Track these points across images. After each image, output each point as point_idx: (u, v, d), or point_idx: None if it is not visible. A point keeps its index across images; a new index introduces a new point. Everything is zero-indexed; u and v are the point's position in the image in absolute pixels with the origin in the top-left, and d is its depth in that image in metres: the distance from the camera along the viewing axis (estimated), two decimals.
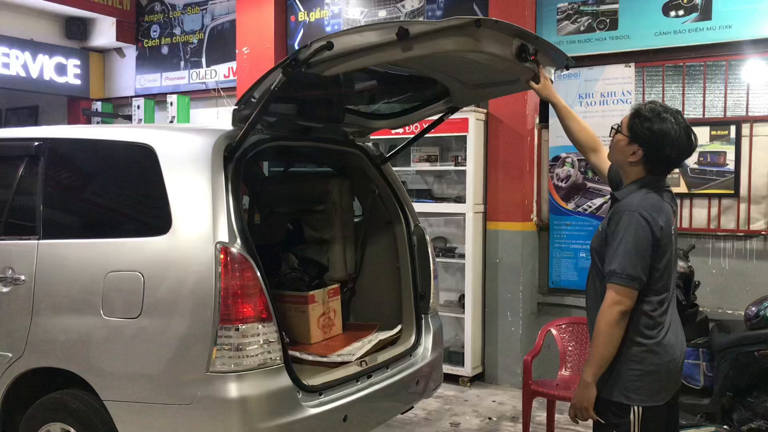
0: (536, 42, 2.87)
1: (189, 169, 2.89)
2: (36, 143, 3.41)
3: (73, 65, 8.66)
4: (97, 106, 8.73)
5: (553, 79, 3.15)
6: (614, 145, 2.56)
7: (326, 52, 2.67)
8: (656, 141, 2.44)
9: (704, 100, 5.22)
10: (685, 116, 2.54)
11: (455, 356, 5.84)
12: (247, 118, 2.92)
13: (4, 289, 3.21)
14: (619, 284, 2.37)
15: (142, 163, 3.02)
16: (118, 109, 8.85)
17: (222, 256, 2.70)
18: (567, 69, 3.22)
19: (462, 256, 5.82)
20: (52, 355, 3.09)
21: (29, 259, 3.18)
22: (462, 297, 5.86)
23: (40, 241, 3.20)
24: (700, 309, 4.48)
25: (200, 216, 2.79)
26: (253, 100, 2.94)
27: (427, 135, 4.30)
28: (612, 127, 2.58)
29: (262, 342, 2.73)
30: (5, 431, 3.25)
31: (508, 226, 5.78)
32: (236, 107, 3.02)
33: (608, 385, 2.46)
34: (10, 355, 3.15)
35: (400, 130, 4.59)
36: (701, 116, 5.18)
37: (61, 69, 8.53)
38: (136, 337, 2.83)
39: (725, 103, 5.15)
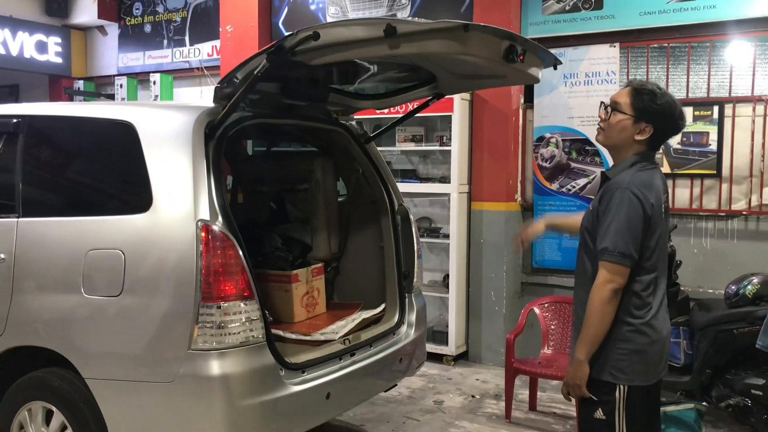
0: (524, 44, 2.90)
1: (169, 147, 2.86)
2: (15, 120, 3.37)
3: (54, 43, 8.52)
4: (79, 84, 8.63)
5: (539, 77, 3.19)
6: (614, 125, 2.52)
7: (312, 42, 2.65)
8: (666, 114, 2.48)
9: (688, 81, 5.23)
10: None
11: (439, 335, 5.87)
12: (229, 96, 2.90)
13: None
14: (612, 262, 2.38)
15: (123, 140, 2.99)
16: (100, 88, 8.74)
17: (203, 234, 2.69)
18: (555, 69, 3.27)
19: (447, 236, 5.83)
20: (33, 334, 3.07)
21: (9, 238, 3.15)
22: (446, 277, 5.89)
23: (20, 219, 3.17)
24: (682, 288, 4.53)
25: (181, 193, 2.76)
26: (236, 80, 2.91)
27: None
28: (606, 109, 2.56)
29: (244, 320, 2.73)
30: None
31: (493, 206, 5.80)
32: (219, 85, 2.99)
33: (598, 364, 2.47)
34: None
35: (385, 110, 4.58)
36: (685, 96, 5.19)
37: (41, 47, 8.40)
38: (117, 315, 2.82)
39: (708, 84, 5.16)
